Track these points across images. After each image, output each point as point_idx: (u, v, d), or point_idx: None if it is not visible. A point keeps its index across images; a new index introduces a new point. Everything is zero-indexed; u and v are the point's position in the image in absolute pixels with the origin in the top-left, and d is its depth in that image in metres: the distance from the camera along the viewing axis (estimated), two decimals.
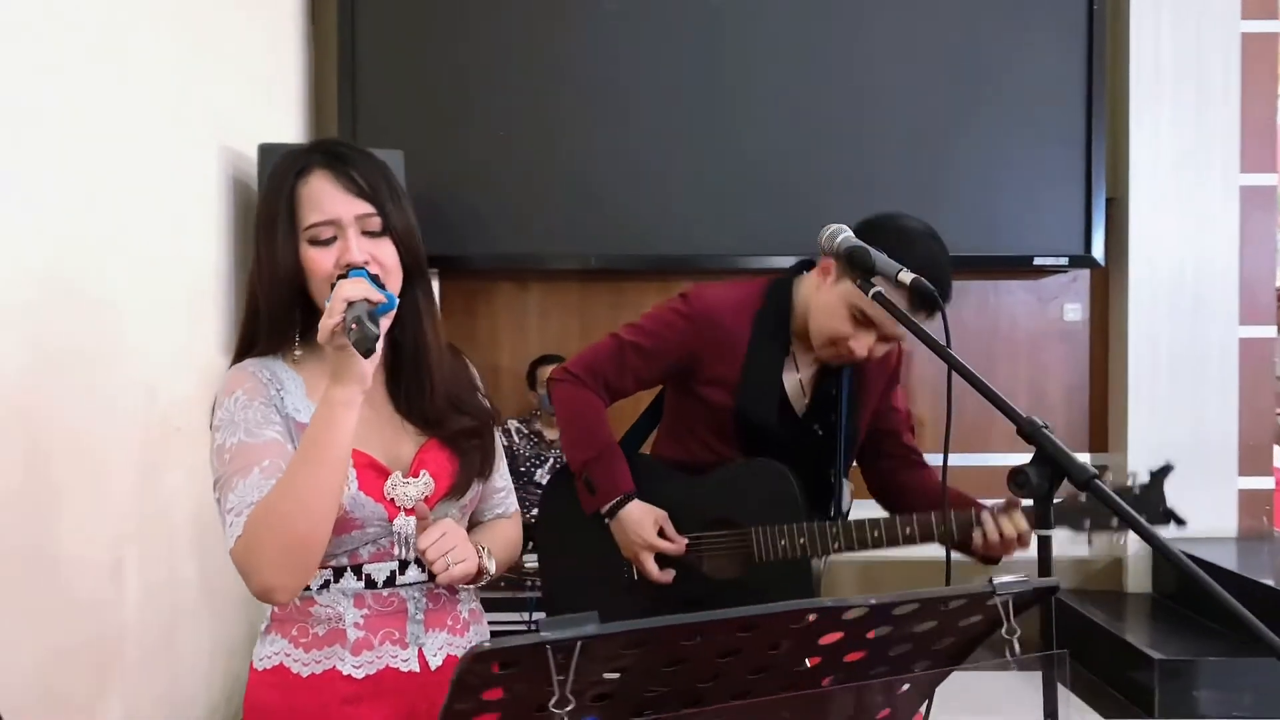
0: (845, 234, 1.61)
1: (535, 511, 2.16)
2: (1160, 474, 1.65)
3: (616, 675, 0.84)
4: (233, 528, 1.23)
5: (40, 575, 2.39)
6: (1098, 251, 4.27)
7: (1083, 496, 1.66)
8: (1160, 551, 1.13)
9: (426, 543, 1.32)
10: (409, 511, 1.35)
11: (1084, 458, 4.53)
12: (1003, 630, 0.85)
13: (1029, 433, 1.27)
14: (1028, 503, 1.64)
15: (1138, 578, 4.45)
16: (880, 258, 1.54)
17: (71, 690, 2.49)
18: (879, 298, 1.52)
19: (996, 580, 0.86)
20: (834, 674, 0.85)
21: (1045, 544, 1.28)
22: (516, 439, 4.22)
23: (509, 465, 1.44)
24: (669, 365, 1.92)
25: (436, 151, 4.18)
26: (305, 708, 1.32)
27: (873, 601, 0.84)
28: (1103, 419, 4.59)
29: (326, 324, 1.19)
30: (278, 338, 1.35)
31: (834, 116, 4.26)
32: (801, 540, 1.84)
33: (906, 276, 1.49)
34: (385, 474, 1.34)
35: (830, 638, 0.85)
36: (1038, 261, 4.27)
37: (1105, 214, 4.32)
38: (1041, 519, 1.27)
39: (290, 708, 1.32)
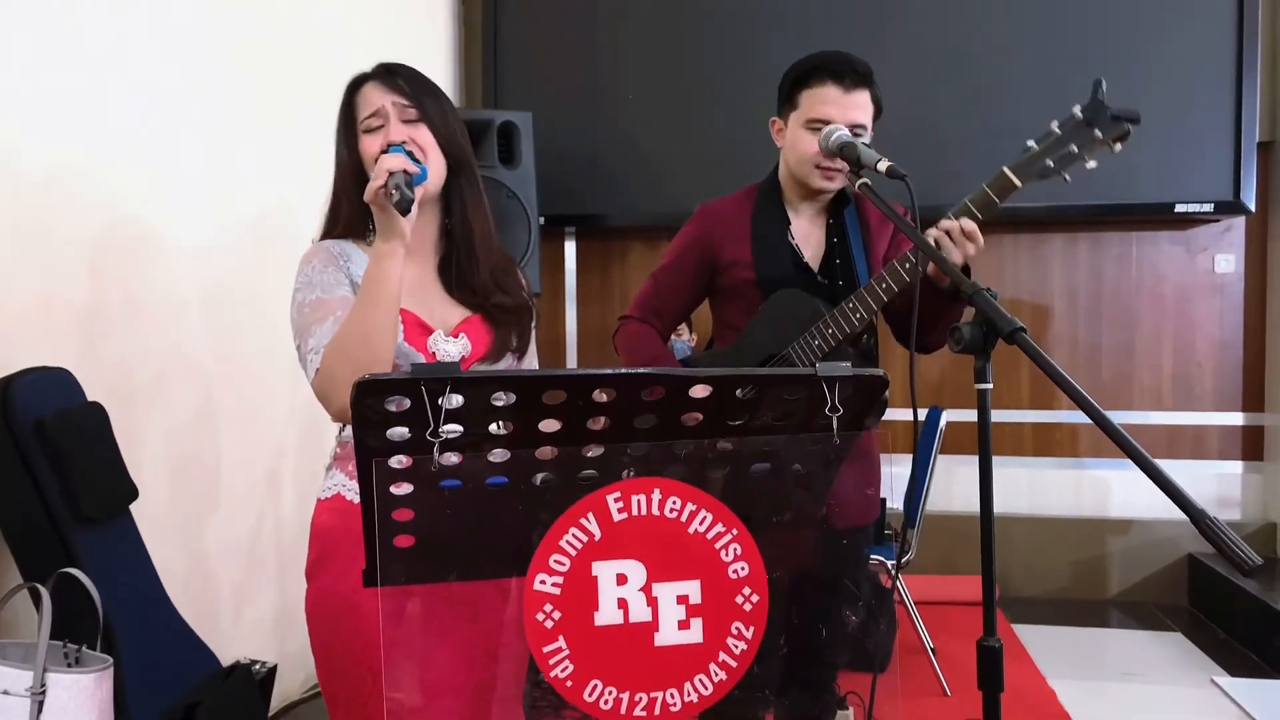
0: (838, 132, 1.77)
1: None
2: (1095, 86, 1.75)
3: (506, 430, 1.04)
4: (313, 363, 1.49)
5: (207, 478, 2.84)
6: (1248, 197, 4.05)
7: (1032, 144, 1.77)
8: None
9: None
10: None
11: (1237, 418, 4.33)
12: (826, 408, 1.00)
13: (970, 295, 1.38)
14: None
15: None
16: (865, 151, 1.69)
17: (229, 574, 2.94)
18: (865, 188, 1.66)
19: (820, 365, 1.00)
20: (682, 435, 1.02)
21: (984, 395, 1.38)
22: None
23: None
24: (695, 269, 2.07)
25: (569, 115, 4.48)
26: (357, 527, 1.57)
27: (715, 375, 1.01)
28: (1258, 377, 4.34)
29: (372, 185, 1.45)
30: (352, 223, 1.63)
31: (976, 64, 4.24)
32: (830, 330, 1.90)
33: (883, 165, 1.63)
34: (429, 331, 1.58)
35: (683, 403, 1.02)
36: (1180, 208, 4.09)
37: (1259, 159, 4.10)
38: (980, 373, 1.38)
39: (345, 527, 1.55)
